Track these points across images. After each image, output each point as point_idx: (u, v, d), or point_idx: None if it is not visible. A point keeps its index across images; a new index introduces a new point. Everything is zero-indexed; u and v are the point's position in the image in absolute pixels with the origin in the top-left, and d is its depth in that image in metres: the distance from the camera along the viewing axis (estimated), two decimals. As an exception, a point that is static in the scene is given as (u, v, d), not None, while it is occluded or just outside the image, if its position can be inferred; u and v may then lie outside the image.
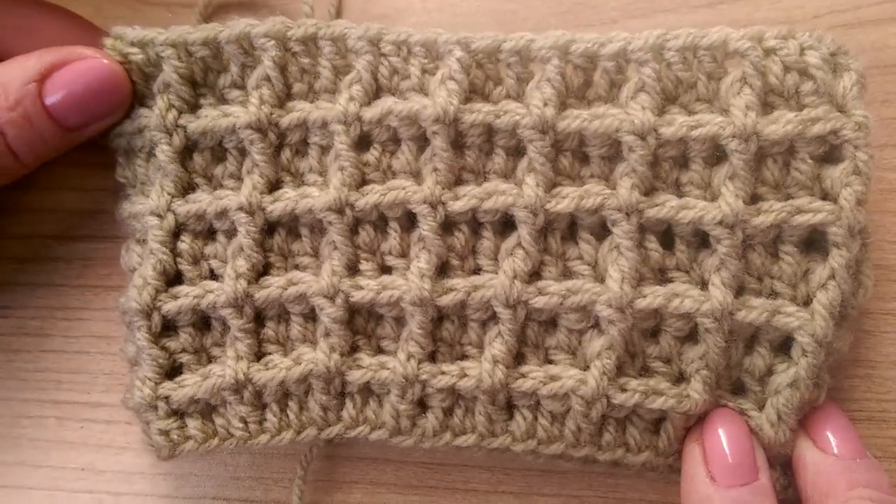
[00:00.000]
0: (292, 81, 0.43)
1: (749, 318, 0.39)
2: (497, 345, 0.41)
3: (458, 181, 0.42)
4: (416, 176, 0.42)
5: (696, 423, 0.40)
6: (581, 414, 0.40)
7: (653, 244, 0.40)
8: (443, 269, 0.42)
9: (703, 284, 0.40)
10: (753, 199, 0.39)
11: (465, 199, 0.41)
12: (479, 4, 0.48)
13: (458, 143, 0.41)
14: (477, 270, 0.42)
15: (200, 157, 0.43)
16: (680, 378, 0.41)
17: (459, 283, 0.41)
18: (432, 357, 0.42)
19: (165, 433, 0.42)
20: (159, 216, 0.42)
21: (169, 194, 0.42)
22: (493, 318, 0.41)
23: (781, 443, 0.39)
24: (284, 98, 0.43)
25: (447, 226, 0.41)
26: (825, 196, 0.39)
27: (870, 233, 0.39)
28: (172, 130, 0.42)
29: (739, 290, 0.39)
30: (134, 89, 0.42)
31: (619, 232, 0.39)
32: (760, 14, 0.46)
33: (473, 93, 0.41)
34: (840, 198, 0.38)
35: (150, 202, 0.42)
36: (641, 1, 0.47)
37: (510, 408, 0.42)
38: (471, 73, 0.41)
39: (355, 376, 0.41)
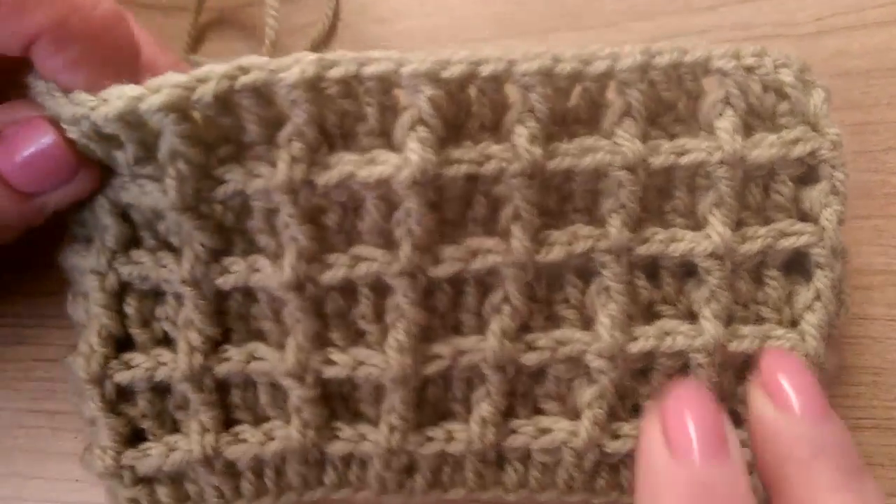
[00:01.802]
0: (215, 146, 0.35)
1: (741, 348, 0.37)
2: (485, 406, 0.37)
3: (436, 238, 0.36)
4: (386, 236, 0.36)
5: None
6: (573, 465, 0.38)
7: (641, 281, 0.38)
8: (421, 332, 0.37)
9: (691, 316, 0.38)
10: (737, 225, 0.37)
11: (447, 263, 0.36)
12: (477, 7, 0.48)
13: (434, 198, 0.35)
14: (457, 325, 0.38)
15: (139, 215, 0.37)
16: None
17: (444, 350, 0.37)
18: (418, 423, 0.38)
19: (134, 501, 0.38)
20: (101, 274, 0.37)
21: (110, 250, 0.37)
22: (479, 375, 0.38)
23: None
24: (208, 165, 0.35)
25: (427, 290, 0.36)
26: (803, 217, 0.38)
27: (848, 252, 0.38)
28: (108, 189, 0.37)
29: (729, 320, 0.37)
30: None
31: (608, 274, 0.37)
32: (763, 17, 0.45)
33: (445, 128, 0.35)
34: (821, 218, 0.37)
35: (90, 258, 0.37)
36: (643, 4, 0.46)
37: (500, 461, 0.39)
38: (443, 111, 0.35)
39: (334, 449, 0.38)
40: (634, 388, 0.38)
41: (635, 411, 0.39)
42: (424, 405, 0.38)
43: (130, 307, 0.38)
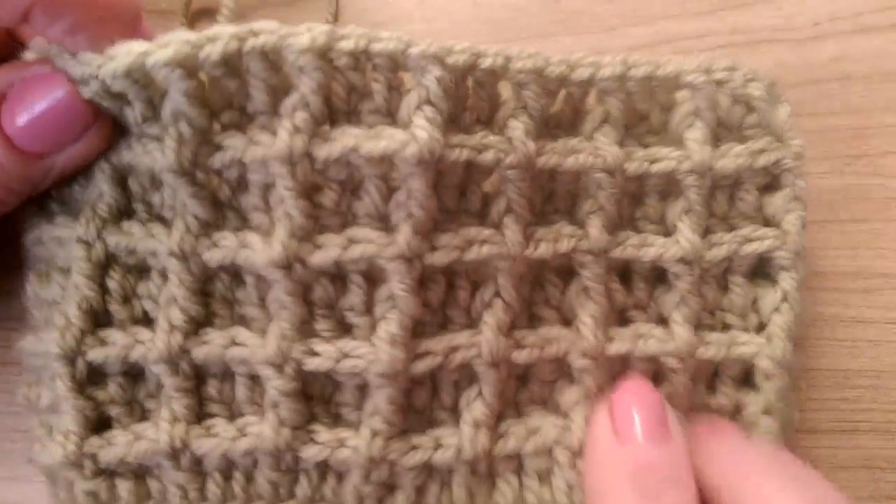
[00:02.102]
0: (218, 110, 0.35)
1: (708, 355, 0.37)
2: (478, 406, 0.36)
3: (433, 226, 0.36)
4: (383, 220, 0.35)
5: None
6: (568, 466, 0.36)
7: (616, 284, 0.38)
8: (414, 326, 0.36)
9: (662, 321, 0.38)
10: (705, 231, 0.38)
11: (444, 250, 0.35)
12: (477, 12, 0.48)
13: (436, 182, 0.35)
14: (445, 323, 0.37)
15: (136, 183, 0.36)
16: None
17: (436, 346, 0.36)
18: (402, 430, 0.36)
19: (93, 494, 0.36)
20: (87, 244, 0.36)
21: (101, 219, 0.36)
22: (467, 377, 0.37)
23: None
24: (210, 130, 0.34)
25: (421, 280, 0.35)
26: (766, 224, 0.38)
27: (807, 259, 0.39)
28: (110, 152, 0.36)
29: (697, 326, 0.38)
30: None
31: (588, 275, 0.37)
32: (761, 21, 0.46)
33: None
34: (784, 223, 0.38)
35: (78, 227, 0.36)
36: (642, 9, 0.47)
37: (491, 475, 0.37)
38: (450, 95, 0.35)
39: (310, 453, 0.36)
40: (609, 393, 0.37)
41: None
42: (410, 412, 0.37)
43: (113, 281, 0.36)
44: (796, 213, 0.37)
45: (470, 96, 0.36)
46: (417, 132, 0.33)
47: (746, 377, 0.39)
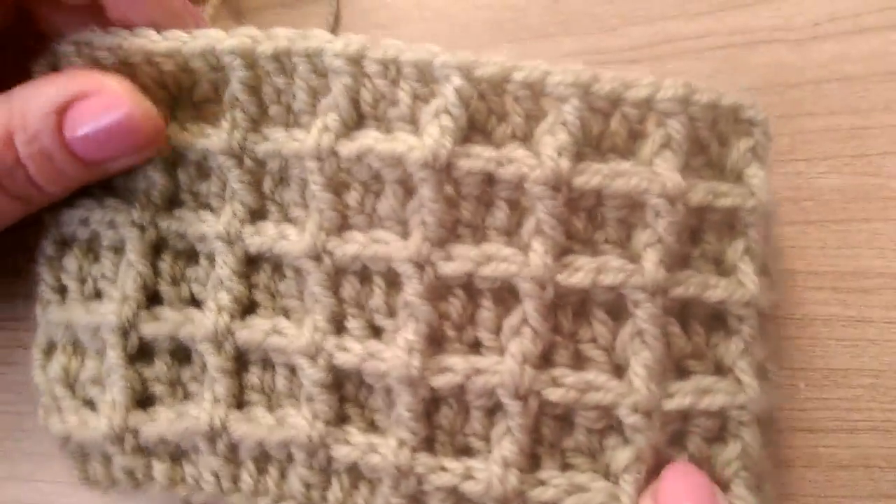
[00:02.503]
0: (268, 103, 0.38)
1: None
2: (507, 444, 0.35)
3: (451, 236, 0.36)
4: (404, 225, 0.36)
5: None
6: None
7: (675, 329, 0.36)
8: (436, 340, 0.36)
9: (719, 370, 0.36)
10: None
11: (458, 261, 0.35)
12: (477, 13, 0.48)
13: (451, 192, 0.35)
14: (476, 344, 0.36)
15: (185, 174, 0.39)
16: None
17: (457, 364, 0.35)
18: (429, 445, 0.36)
19: (130, 472, 0.38)
20: (141, 227, 0.39)
21: (154, 206, 0.39)
22: (500, 407, 0.35)
23: None
24: (261, 121, 0.38)
25: (438, 289, 0.36)
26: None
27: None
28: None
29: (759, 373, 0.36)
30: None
31: (642, 315, 0.34)
32: (761, 22, 0.46)
33: (473, 129, 0.36)
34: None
35: (132, 212, 0.39)
36: (641, 10, 0.47)
37: None
38: (471, 106, 0.35)
39: (342, 453, 0.36)
40: (670, 456, 0.35)
41: None
42: (438, 430, 0.36)
43: (165, 263, 0.39)
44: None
45: (508, 111, 0.36)
46: (426, 138, 0.34)
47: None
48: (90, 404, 0.39)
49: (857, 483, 0.41)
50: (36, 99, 0.37)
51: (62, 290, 0.41)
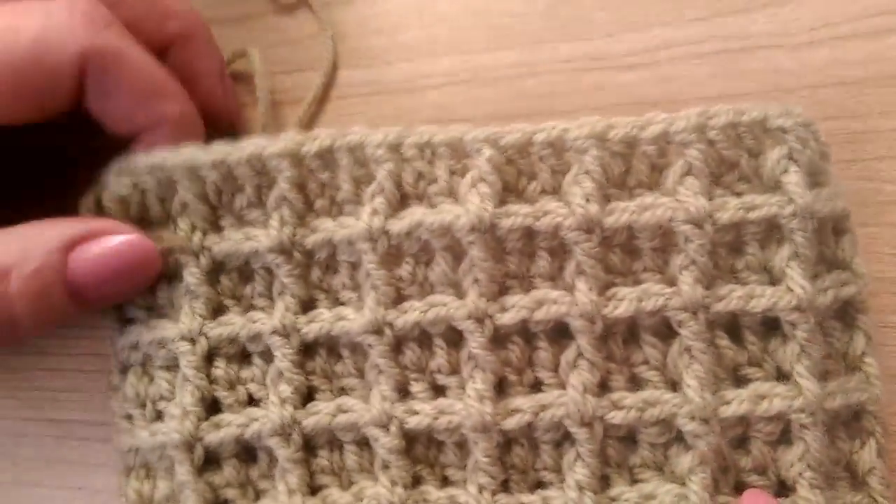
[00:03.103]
0: (313, 198, 0.40)
1: (836, 406, 0.37)
2: (579, 469, 0.37)
3: (502, 289, 0.39)
4: (456, 287, 0.39)
5: None
6: None
7: (724, 341, 0.38)
8: (500, 386, 0.39)
9: (781, 376, 0.38)
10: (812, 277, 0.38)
11: (513, 310, 0.38)
12: (475, 19, 0.48)
13: (496, 250, 0.39)
14: (537, 384, 0.39)
15: (228, 279, 0.41)
16: (781, 487, 0.38)
17: (524, 403, 0.38)
18: (505, 486, 0.38)
19: None
20: (192, 341, 0.40)
21: (201, 317, 0.40)
22: (567, 437, 0.38)
23: None
24: (306, 216, 0.40)
25: (498, 339, 0.38)
26: (832, 267, 0.39)
27: None
28: (199, 252, 0.40)
29: (822, 376, 0.38)
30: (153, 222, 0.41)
31: (687, 333, 0.37)
32: (757, 27, 0.46)
33: (507, 191, 0.39)
34: (853, 265, 0.39)
35: (180, 326, 0.40)
36: (636, 15, 0.47)
37: None
38: (502, 171, 0.38)
39: None
40: (734, 460, 0.38)
41: (740, 488, 0.38)
42: (513, 469, 0.39)
43: (219, 370, 0.40)
44: (857, 256, 0.39)
45: (536, 169, 0.39)
46: (469, 205, 0.38)
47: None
48: None
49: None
50: (41, 236, 0.37)
51: (129, 418, 0.42)
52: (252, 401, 0.40)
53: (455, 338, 0.39)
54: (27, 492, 0.46)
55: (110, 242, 0.38)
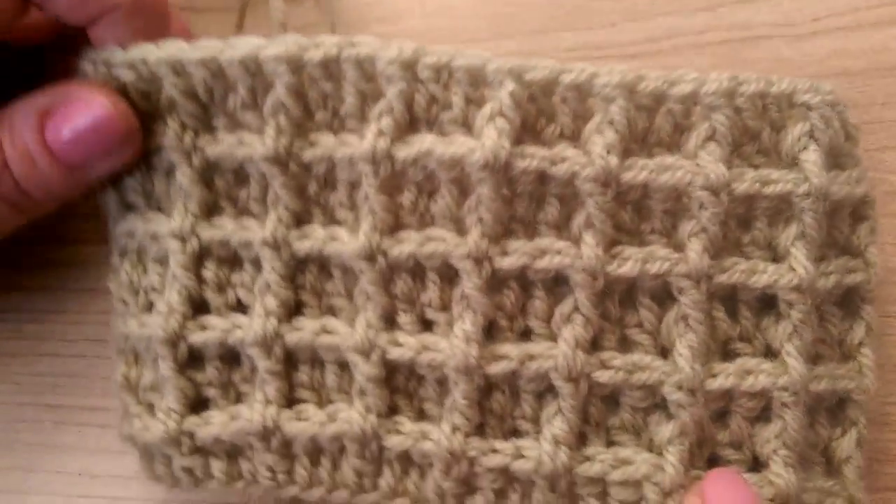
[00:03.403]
0: (313, 108, 0.38)
1: (820, 388, 0.37)
2: (558, 423, 0.37)
3: (505, 232, 0.37)
4: (458, 223, 0.38)
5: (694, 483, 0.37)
6: None
7: (720, 313, 0.37)
8: (489, 330, 0.38)
9: (769, 353, 0.38)
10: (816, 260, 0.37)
11: (514, 255, 0.37)
12: (477, 8, 0.48)
13: (506, 190, 0.37)
14: (526, 332, 0.38)
15: (222, 180, 0.40)
16: (755, 463, 0.38)
17: (512, 351, 0.37)
18: (480, 429, 0.38)
19: (189, 470, 0.39)
20: (182, 239, 0.39)
21: (193, 215, 0.39)
22: (550, 390, 0.37)
23: None
24: (306, 126, 0.38)
25: (494, 282, 0.37)
26: (843, 254, 0.39)
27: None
28: (191, 152, 0.39)
29: (811, 358, 0.37)
30: (140, 116, 0.39)
31: (687, 301, 0.37)
32: (760, 17, 0.46)
33: (523, 131, 0.37)
34: (867, 254, 0.38)
35: (172, 223, 0.39)
36: (641, 5, 0.47)
37: (573, 496, 0.38)
38: (522, 108, 0.36)
39: (394, 442, 0.38)
40: (712, 433, 0.38)
41: (714, 462, 0.38)
42: (490, 414, 0.38)
43: (209, 271, 0.40)
44: (875, 245, 0.38)
45: (556, 111, 0.37)
46: (485, 140, 0.36)
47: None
48: (152, 409, 0.40)
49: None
50: (22, 105, 0.38)
51: (125, 302, 0.42)
52: (240, 305, 0.40)
53: (450, 274, 0.38)
54: (26, 477, 0.46)
55: (82, 102, 0.38)
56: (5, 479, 0.46)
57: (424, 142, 0.37)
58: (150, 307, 0.40)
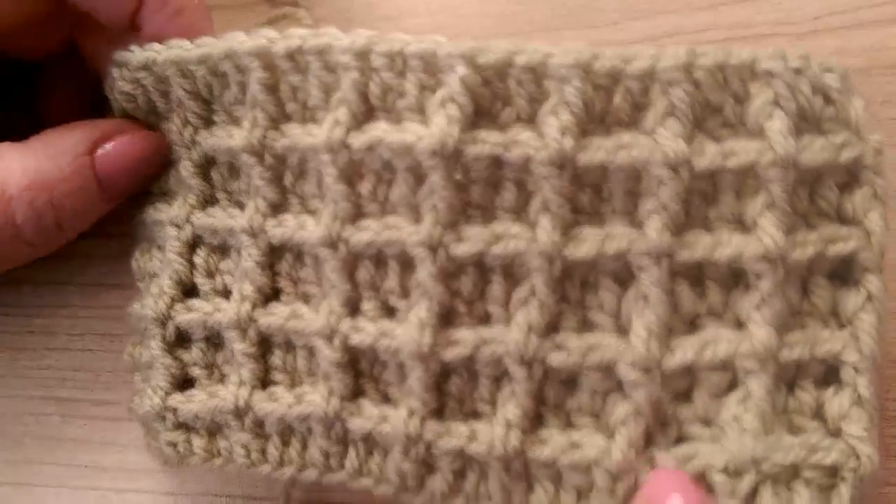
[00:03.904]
0: (285, 101, 0.39)
1: (794, 356, 0.36)
2: (511, 407, 0.37)
3: (463, 218, 0.37)
4: (416, 211, 0.37)
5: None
6: (606, 490, 0.36)
7: (684, 289, 0.36)
8: (448, 316, 0.38)
9: (738, 326, 0.36)
10: (787, 230, 0.36)
11: (469, 242, 0.36)
12: (482, 6, 0.49)
13: (460, 177, 0.36)
14: (486, 317, 0.38)
15: (218, 174, 0.42)
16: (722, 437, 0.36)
17: (466, 337, 0.37)
18: (439, 412, 0.38)
19: (173, 445, 0.41)
20: (178, 226, 0.41)
21: (190, 206, 0.41)
22: (506, 374, 0.37)
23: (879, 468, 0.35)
24: (279, 119, 0.40)
25: (451, 269, 0.37)
26: (842, 222, 0.37)
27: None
28: (190, 146, 0.41)
29: (781, 329, 0.36)
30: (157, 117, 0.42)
31: (646, 279, 0.35)
32: (761, 16, 0.46)
33: (479, 115, 0.36)
34: (867, 222, 0.36)
35: (171, 211, 0.42)
36: (643, 3, 0.47)
37: (529, 477, 0.37)
38: (476, 92, 0.36)
39: (356, 425, 0.38)
40: (676, 412, 0.37)
41: (679, 443, 0.37)
42: (448, 398, 0.38)
43: (199, 258, 0.42)
44: (878, 211, 0.36)
45: (512, 94, 0.36)
46: (433, 128, 0.36)
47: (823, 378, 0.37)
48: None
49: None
50: (66, 143, 0.40)
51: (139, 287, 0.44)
52: (227, 290, 0.42)
53: (410, 261, 0.38)
54: (35, 470, 0.46)
55: (125, 139, 0.41)
56: (14, 471, 0.46)
57: (377, 130, 0.37)
58: (148, 291, 0.43)
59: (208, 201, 0.42)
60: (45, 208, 0.39)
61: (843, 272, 0.37)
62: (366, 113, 0.38)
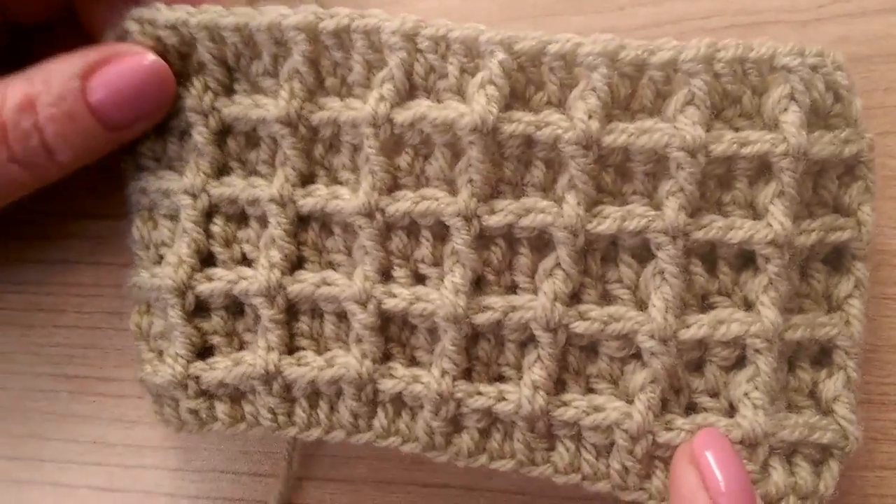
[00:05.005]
0: (325, 75, 0.41)
1: (796, 337, 0.39)
2: (537, 370, 0.39)
3: (494, 193, 0.40)
4: (451, 184, 0.40)
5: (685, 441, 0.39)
6: (626, 450, 0.39)
7: (697, 268, 0.39)
8: (477, 283, 0.40)
9: (747, 306, 0.39)
10: (794, 217, 0.39)
11: (500, 214, 0.39)
12: (488, -9, 0.49)
13: (495, 153, 0.39)
14: (513, 287, 0.41)
15: (234, 142, 0.42)
16: (731, 410, 0.39)
17: (496, 302, 0.39)
18: (467, 374, 0.40)
19: (195, 412, 0.41)
20: (193, 196, 0.42)
21: (204, 174, 0.42)
22: (532, 339, 0.40)
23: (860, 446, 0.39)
24: (316, 92, 0.41)
25: (482, 239, 0.40)
26: (837, 212, 0.40)
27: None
28: (209, 113, 0.42)
29: (783, 310, 0.39)
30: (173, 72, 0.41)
31: (663, 256, 0.38)
32: (765, 3, 0.46)
33: (513, 97, 0.40)
34: (860, 213, 0.39)
35: (184, 180, 0.42)
36: (649, -11, 0.48)
37: (551, 437, 0.40)
38: (511, 77, 0.39)
39: (387, 385, 0.40)
40: (688, 382, 0.40)
41: (692, 409, 0.40)
42: (475, 361, 0.40)
43: (217, 227, 0.42)
44: (870, 203, 0.39)
45: (545, 80, 0.40)
46: (474, 105, 0.38)
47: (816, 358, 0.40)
48: (161, 355, 0.42)
49: (853, 454, 0.42)
50: (60, 66, 0.39)
51: (138, 256, 0.44)
52: (245, 260, 0.42)
53: (442, 232, 0.40)
54: (41, 445, 0.47)
55: (125, 63, 0.40)
56: (22, 447, 0.47)
57: (420, 106, 0.39)
58: (160, 260, 0.43)
59: (221, 170, 0.42)
60: (30, 130, 0.38)
61: (834, 259, 0.40)
62: (408, 91, 0.40)
